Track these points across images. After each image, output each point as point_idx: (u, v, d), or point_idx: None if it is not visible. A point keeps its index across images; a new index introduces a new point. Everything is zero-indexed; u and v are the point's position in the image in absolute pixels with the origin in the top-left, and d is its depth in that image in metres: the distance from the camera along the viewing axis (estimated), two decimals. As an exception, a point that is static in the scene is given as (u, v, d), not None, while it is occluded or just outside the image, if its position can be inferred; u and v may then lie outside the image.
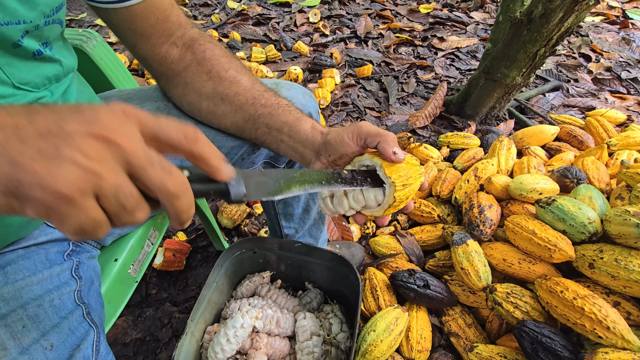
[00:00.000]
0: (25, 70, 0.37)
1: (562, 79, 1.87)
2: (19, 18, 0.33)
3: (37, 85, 0.38)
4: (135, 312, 0.95)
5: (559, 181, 0.96)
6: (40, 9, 0.35)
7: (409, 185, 0.42)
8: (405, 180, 0.42)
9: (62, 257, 0.44)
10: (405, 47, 2.19)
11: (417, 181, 0.44)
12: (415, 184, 0.44)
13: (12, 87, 0.36)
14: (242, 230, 1.13)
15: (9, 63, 0.35)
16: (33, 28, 0.35)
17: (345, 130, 0.43)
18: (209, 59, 0.50)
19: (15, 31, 0.34)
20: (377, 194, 0.43)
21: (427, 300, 0.85)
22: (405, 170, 0.42)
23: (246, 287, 0.78)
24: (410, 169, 0.43)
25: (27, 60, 0.37)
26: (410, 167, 0.43)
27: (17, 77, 0.36)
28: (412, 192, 0.44)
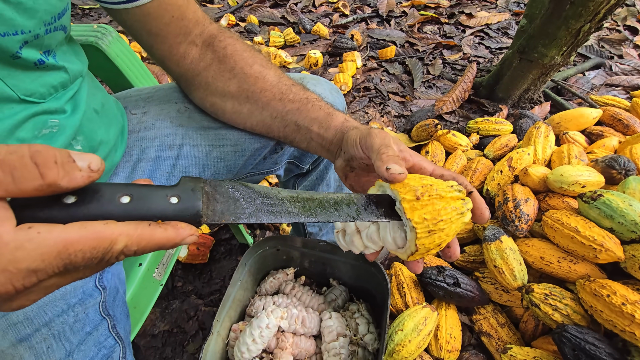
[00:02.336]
0: (28, 81, 0.35)
1: (605, 55, 1.72)
2: (16, 28, 0.31)
3: (42, 96, 0.37)
4: (162, 304, 0.96)
5: (605, 172, 0.88)
6: (39, 16, 0.32)
7: (438, 230, 0.31)
8: (433, 224, 0.30)
9: None
10: (431, 26, 2.07)
11: (455, 224, 0.31)
12: (451, 228, 0.31)
13: (17, 100, 0.34)
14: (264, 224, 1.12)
15: (10, 74, 0.33)
16: (32, 38, 0.33)
17: (360, 132, 0.39)
18: (231, 55, 0.47)
19: (13, 42, 0.31)
20: (397, 235, 0.33)
21: (457, 299, 0.81)
22: (436, 209, 0.30)
23: (270, 284, 0.77)
24: (446, 206, 0.30)
25: (29, 71, 0.35)
26: (446, 204, 0.31)
27: (21, 88, 0.34)
28: (448, 237, 0.32)
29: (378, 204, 0.32)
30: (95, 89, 0.46)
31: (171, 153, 0.50)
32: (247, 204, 0.27)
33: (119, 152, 0.48)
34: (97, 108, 0.45)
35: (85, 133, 0.42)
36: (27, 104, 0.35)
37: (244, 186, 0.28)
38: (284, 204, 0.28)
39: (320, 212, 0.29)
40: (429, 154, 1.20)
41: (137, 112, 0.52)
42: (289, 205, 0.28)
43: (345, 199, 0.31)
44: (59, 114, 0.39)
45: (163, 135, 0.50)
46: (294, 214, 0.28)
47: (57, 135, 0.38)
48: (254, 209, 0.27)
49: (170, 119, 0.51)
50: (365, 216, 0.30)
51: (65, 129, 0.39)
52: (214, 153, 0.52)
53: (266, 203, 0.27)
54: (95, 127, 0.44)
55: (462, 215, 0.32)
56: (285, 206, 0.28)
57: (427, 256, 0.34)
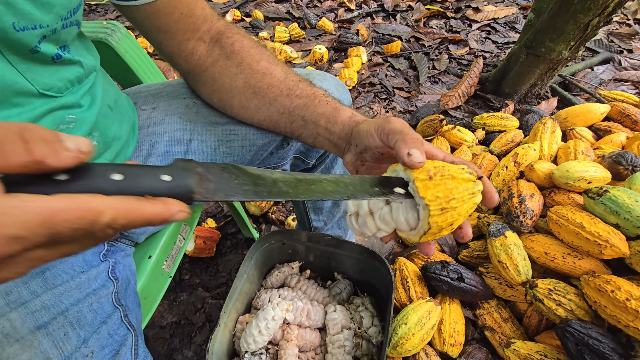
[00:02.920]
0: (46, 75, 0.35)
1: (614, 49, 1.69)
2: (34, 22, 0.32)
3: (60, 90, 0.37)
4: (170, 296, 0.98)
5: (611, 168, 0.88)
6: (56, 11, 0.33)
7: (451, 209, 0.32)
8: (446, 202, 0.31)
9: (98, 258, 0.45)
10: (437, 20, 2.05)
11: (466, 203, 0.32)
12: (462, 207, 0.32)
13: (37, 94, 0.35)
14: (270, 218, 1.13)
15: (29, 69, 0.34)
16: (50, 32, 0.33)
17: (375, 121, 0.40)
18: (238, 51, 0.48)
19: (32, 37, 0.32)
20: (410, 216, 0.34)
21: (460, 293, 0.82)
22: (448, 188, 0.31)
23: (276, 277, 0.78)
24: (458, 186, 0.32)
25: (47, 65, 0.36)
26: (458, 184, 0.32)
27: (40, 82, 0.35)
28: (460, 217, 0.33)
29: (379, 184, 0.33)
30: (108, 84, 0.47)
31: (180, 148, 0.51)
32: (239, 183, 0.27)
33: (130, 148, 0.49)
34: (110, 104, 0.46)
35: (100, 129, 0.43)
36: (45, 98, 0.36)
37: (237, 168, 0.28)
38: (277, 184, 0.28)
39: (314, 191, 0.29)
40: (434, 149, 1.20)
41: (147, 108, 0.53)
42: (282, 185, 0.29)
43: (340, 180, 0.32)
44: (76, 108, 0.40)
45: (172, 130, 0.51)
46: (288, 193, 0.28)
47: (73, 131, 0.39)
48: (247, 188, 0.27)
49: (179, 114, 0.52)
50: (359, 195, 0.31)
51: (81, 125, 0.40)
52: (222, 148, 0.53)
53: (259, 183, 0.28)
54: (109, 123, 0.45)
55: (474, 196, 0.33)
56: (279, 186, 0.28)
57: (438, 237, 0.34)
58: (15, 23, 0.30)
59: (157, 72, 0.65)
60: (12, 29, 0.30)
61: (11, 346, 0.34)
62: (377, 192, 0.32)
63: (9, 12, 0.30)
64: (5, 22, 0.30)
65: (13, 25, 0.30)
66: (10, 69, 0.32)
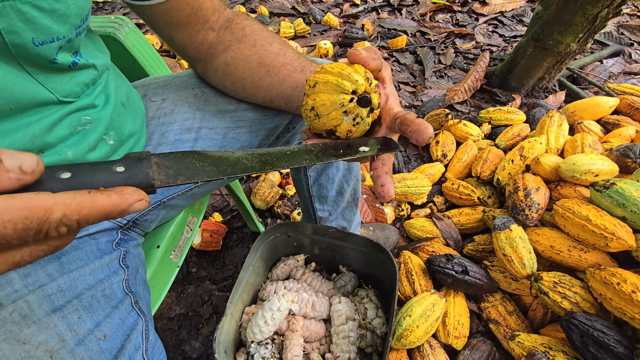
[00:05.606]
0: (64, 82, 0.36)
1: (624, 42, 1.66)
2: (52, 36, 0.32)
3: (77, 94, 0.38)
4: (178, 289, 1.00)
5: (619, 161, 0.87)
6: (71, 21, 0.34)
7: (322, 116, 0.36)
8: (315, 109, 0.37)
9: (111, 247, 0.46)
10: (443, 14, 2.03)
11: (332, 113, 0.36)
12: (329, 117, 0.36)
13: (56, 102, 0.36)
14: (275, 212, 1.14)
15: (48, 78, 0.35)
16: (66, 43, 0.34)
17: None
18: (250, 34, 0.49)
19: (51, 49, 0.33)
20: None
21: (465, 287, 0.82)
22: (321, 98, 0.36)
23: (281, 270, 0.79)
24: (330, 97, 0.36)
25: (64, 73, 0.36)
26: (329, 95, 0.36)
27: (59, 90, 0.36)
28: (329, 122, 0.37)
29: (336, 147, 0.35)
30: (119, 80, 0.48)
31: (189, 136, 0.52)
32: (201, 165, 0.27)
33: (142, 141, 0.50)
34: (123, 100, 0.47)
35: (116, 128, 0.44)
36: (64, 104, 0.37)
37: (197, 153, 0.28)
38: (240, 162, 0.29)
39: (278, 162, 0.30)
40: (440, 143, 1.20)
41: (157, 99, 0.54)
42: (245, 162, 0.29)
43: (303, 148, 0.33)
44: (91, 109, 0.41)
45: (182, 119, 0.52)
46: (252, 167, 0.29)
47: (90, 132, 0.40)
48: (210, 169, 0.27)
49: (188, 104, 0.53)
50: (325, 157, 0.33)
51: (97, 125, 0.41)
52: (231, 134, 0.54)
53: (222, 163, 0.28)
54: (123, 120, 0.46)
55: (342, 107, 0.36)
56: (242, 162, 0.29)
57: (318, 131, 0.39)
58: (34, 38, 0.31)
59: (164, 66, 0.66)
60: (31, 44, 0.31)
61: (29, 327, 0.35)
62: (341, 153, 0.34)
63: (29, 28, 0.30)
64: (25, 38, 0.30)
65: (33, 41, 0.31)
66: (31, 80, 0.33)
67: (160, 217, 0.55)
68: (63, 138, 0.37)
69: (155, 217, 0.54)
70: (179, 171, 0.26)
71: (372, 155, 0.36)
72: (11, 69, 0.31)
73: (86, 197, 0.20)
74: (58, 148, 0.37)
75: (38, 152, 0.35)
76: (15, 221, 0.17)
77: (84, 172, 0.22)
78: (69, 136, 0.38)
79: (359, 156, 0.35)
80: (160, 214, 0.54)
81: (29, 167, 0.18)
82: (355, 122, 0.37)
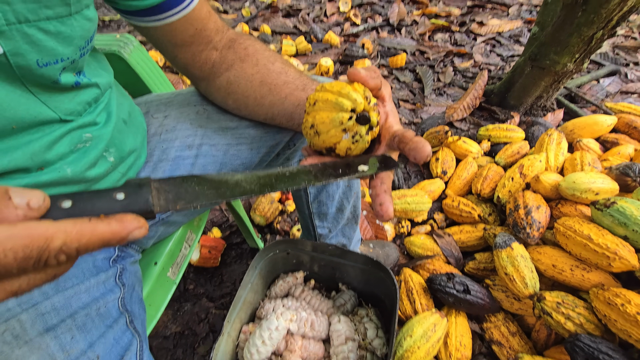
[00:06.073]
0: (66, 101, 0.37)
1: (620, 62, 1.69)
2: (56, 57, 0.33)
3: (79, 113, 0.39)
4: (174, 306, 0.98)
5: (619, 180, 0.87)
6: (76, 43, 0.34)
7: (322, 133, 0.37)
8: (315, 127, 0.37)
9: (107, 264, 0.46)
10: (442, 34, 2.08)
11: (331, 131, 0.37)
12: (328, 134, 0.37)
13: (58, 121, 0.36)
14: (275, 228, 1.14)
15: (51, 98, 0.35)
16: (69, 63, 0.35)
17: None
18: (252, 54, 0.50)
19: (54, 70, 0.33)
20: None
21: (467, 306, 0.81)
22: (321, 115, 0.36)
23: (280, 287, 0.78)
24: (329, 115, 0.36)
25: (67, 92, 0.37)
26: (329, 113, 0.36)
27: (61, 109, 0.36)
28: (329, 139, 0.37)
29: (335, 167, 0.35)
30: (122, 97, 0.49)
31: (190, 153, 0.52)
32: (200, 189, 0.27)
33: (142, 157, 0.51)
34: (125, 118, 0.47)
35: (117, 145, 0.45)
36: (65, 122, 0.37)
37: (197, 177, 0.28)
38: (240, 185, 0.29)
39: (277, 183, 0.31)
40: (439, 160, 1.20)
41: (159, 116, 0.55)
42: (245, 185, 0.29)
43: (302, 169, 0.33)
44: (92, 126, 0.41)
45: (183, 136, 0.53)
46: (252, 190, 0.29)
47: (90, 149, 0.41)
48: (209, 192, 0.27)
49: (190, 121, 0.54)
50: (324, 178, 0.33)
51: (98, 142, 0.41)
52: (231, 151, 0.55)
53: (221, 186, 0.28)
54: (124, 138, 0.46)
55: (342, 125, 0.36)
56: (241, 185, 0.29)
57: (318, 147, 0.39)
58: (39, 60, 0.31)
59: (167, 84, 0.67)
60: (36, 65, 0.31)
61: (20, 348, 0.34)
62: (340, 173, 0.34)
63: (33, 50, 0.31)
64: (29, 60, 0.31)
65: (37, 62, 0.31)
66: (34, 100, 0.33)
67: (158, 233, 0.54)
68: (63, 155, 0.37)
69: (154, 234, 0.53)
70: (179, 195, 0.26)
71: (372, 173, 0.36)
72: (14, 89, 0.32)
73: (86, 225, 0.20)
74: (57, 165, 0.37)
75: (37, 169, 0.35)
76: (16, 249, 0.17)
77: (84, 200, 0.22)
78: (68, 153, 0.38)
79: (358, 175, 0.35)
80: (159, 231, 0.54)
81: (35, 204, 0.19)
82: (354, 139, 0.37)
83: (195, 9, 0.44)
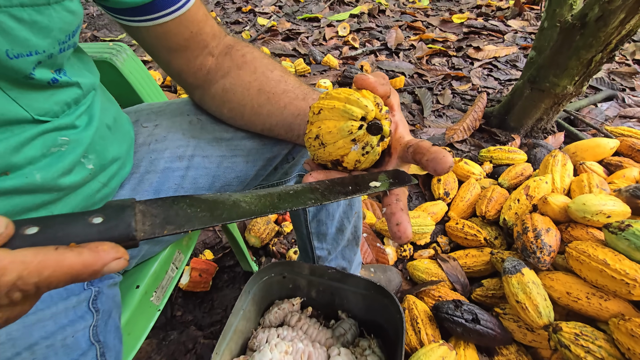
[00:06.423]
0: (42, 100, 0.33)
1: (616, 87, 1.71)
2: (30, 49, 0.29)
3: (56, 114, 0.35)
4: (159, 334, 0.91)
5: (629, 202, 0.84)
6: (54, 35, 0.31)
7: (328, 144, 0.34)
8: (320, 137, 0.34)
9: (82, 286, 0.41)
10: (439, 58, 2.11)
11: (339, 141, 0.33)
12: (335, 145, 0.33)
13: (31, 120, 0.32)
14: (270, 250, 1.08)
15: (23, 95, 0.31)
16: (46, 57, 0.31)
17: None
18: (250, 61, 0.47)
19: (27, 63, 0.30)
20: None
21: (476, 337, 0.75)
22: (327, 125, 0.33)
23: (274, 315, 0.72)
24: (336, 124, 0.33)
25: (43, 90, 0.33)
26: (336, 122, 0.33)
27: (35, 108, 0.32)
28: (337, 150, 0.34)
29: (343, 184, 0.32)
30: (108, 102, 0.45)
31: (181, 164, 0.48)
32: (193, 212, 0.24)
33: (127, 167, 0.47)
34: (109, 123, 0.44)
35: (98, 151, 0.41)
36: (39, 123, 0.33)
37: (189, 198, 0.25)
38: (238, 205, 0.26)
39: (281, 203, 0.27)
40: (441, 181, 1.17)
41: (149, 125, 0.51)
42: (243, 205, 0.26)
43: (307, 187, 0.30)
44: (70, 129, 0.37)
45: (174, 147, 0.49)
46: (251, 211, 0.26)
47: (66, 153, 0.37)
48: (203, 215, 0.24)
49: (182, 131, 0.50)
50: (332, 196, 0.30)
51: (75, 146, 0.38)
52: (225, 164, 0.51)
53: (217, 208, 0.25)
54: (107, 144, 0.43)
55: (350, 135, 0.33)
56: (239, 206, 0.26)
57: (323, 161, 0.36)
58: (9, 50, 0.28)
59: (161, 95, 0.64)
60: (5, 56, 0.28)
61: None
62: (350, 190, 0.31)
63: (4, 39, 0.28)
64: None
65: (6, 53, 0.28)
66: (2, 95, 0.30)
67: (142, 252, 0.49)
68: (33, 159, 0.33)
69: (137, 253, 0.48)
70: (167, 219, 0.23)
71: (385, 190, 0.32)
72: None
73: (51, 255, 0.16)
74: (26, 170, 0.33)
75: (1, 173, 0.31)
76: None
77: (54, 225, 0.19)
78: (40, 157, 0.34)
79: (370, 192, 0.31)
80: (143, 250, 0.49)
81: None
82: (364, 151, 0.34)
83: (190, 11, 0.41)
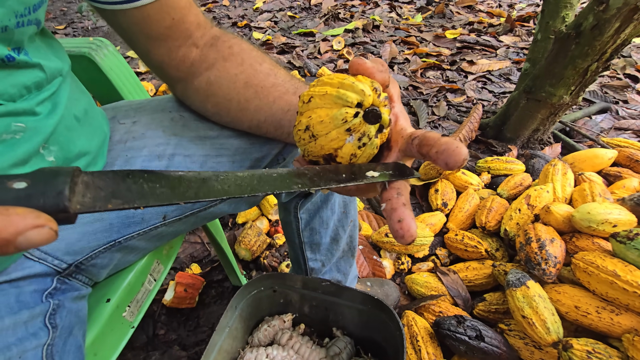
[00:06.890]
0: None
1: (609, 100, 1.72)
2: None
3: (12, 97, 0.31)
4: (140, 355, 0.84)
5: (634, 211, 0.81)
6: (9, 5, 0.28)
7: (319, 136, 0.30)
8: (311, 128, 0.30)
9: (39, 298, 0.36)
10: (433, 71, 2.12)
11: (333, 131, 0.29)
12: (328, 136, 0.30)
13: None
14: (262, 263, 1.03)
15: None
16: (0, 30, 0.28)
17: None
18: (238, 53, 0.44)
19: None
20: None
21: (481, 356, 0.70)
22: (318, 114, 0.30)
23: (264, 333, 0.67)
24: (328, 113, 0.29)
25: None
26: (328, 110, 0.29)
27: None
28: (330, 142, 0.31)
29: (337, 171, 0.28)
30: (79, 93, 0.42)
31: (160, 164, 0.44)
32: (150, 187, 0.20)
33: (99, 164, 0.43)
34: (78, 115, 0.40)
35: (61, 142, 0.37)
36: None
37: (148, 172, 0.21)
38: (208, 183, 0.22)
39: (260, 186, 0.24)
40: (439, 192, 1.13)
41: (126, 122, 0.47)
42: (215, 184, 0.22)
43: (294, 171, 0.27)
44: (28, 115, 0.33)
45: (153, 145, 0.45)
46: (223, 190, 0.22)
47: (21, 141, 0.33)
48: (162, 191, 0.20)
49: (162, 128, 0.47)
50: (322, 182, 0.26)
51: (33, 134, 0.34)
52: (209, 164, 0.47)
53: (181, 185, 0.21)
54: (74, 137, 0.39)
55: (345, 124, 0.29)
56: (210, 185, 0.22)
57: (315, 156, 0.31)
58: None
59: (143, 92, 0.61)
60: None
61: None
62: (344, 179, 0.27)
63: None
64: None
65: None
66: None
67: (114, 262, 0.44)
68: None
69: (108, 262, 0.44)
70: (116, 193, 0.18)
71: (384, 182, 0.28)
72: None
73: None
74: None
75: None
76: None
77: None
78: None
79: (367, 182, 0.27)
80: (115, 258, 0.44)
81: None
82: (361, 142, 0.30)
83: None
